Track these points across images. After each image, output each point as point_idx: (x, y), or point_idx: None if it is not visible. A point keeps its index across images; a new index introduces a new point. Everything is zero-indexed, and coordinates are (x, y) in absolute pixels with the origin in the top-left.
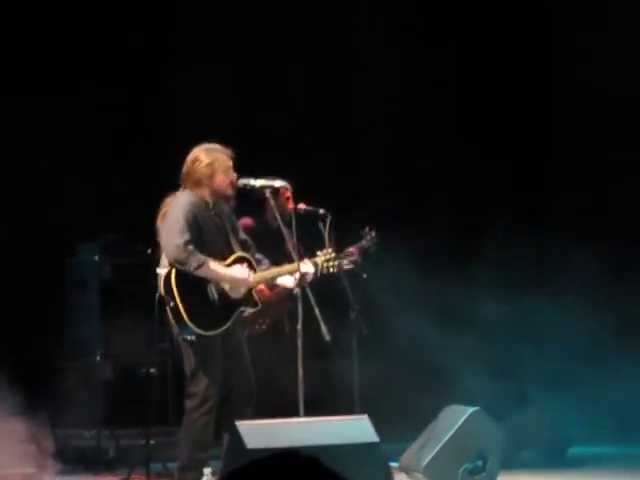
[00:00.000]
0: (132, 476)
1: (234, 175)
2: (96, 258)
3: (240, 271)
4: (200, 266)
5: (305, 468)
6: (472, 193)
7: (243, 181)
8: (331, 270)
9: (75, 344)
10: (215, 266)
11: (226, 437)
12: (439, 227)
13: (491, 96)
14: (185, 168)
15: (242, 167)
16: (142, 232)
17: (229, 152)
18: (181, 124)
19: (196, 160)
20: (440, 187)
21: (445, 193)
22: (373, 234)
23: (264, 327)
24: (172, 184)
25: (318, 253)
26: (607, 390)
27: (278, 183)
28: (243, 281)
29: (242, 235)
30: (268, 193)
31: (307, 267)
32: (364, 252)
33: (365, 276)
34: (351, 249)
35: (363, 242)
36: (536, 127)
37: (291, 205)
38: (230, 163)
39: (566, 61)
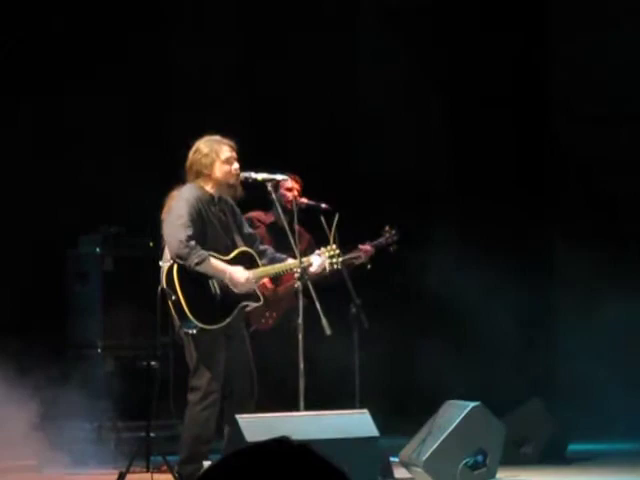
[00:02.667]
0: (132, 469)
1: (236, 165)
2: (98, 250)
3: (240, 273)
4: (201, 262)
5: (297, 455)
6: None
7: (244, 174)
8: (335, 267)
9: (77, 336)
10: (216, 263)
11: (227, 431)
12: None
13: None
14: (188, 160)
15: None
16: (144, 225)
17: (231, 142)
18: (186, 116)
19: (196, 151)
20: None
21: None
22: (394, 232)
23: (270, 322)
24: (176, 177)
25: (322, 249)
26: None
27: (280, 176)
28: (240, 281)
29: (247, 229)
30: (270, 187)
31: (316, 260)
32: (381, 250)
33: (369, 267)
34: (366, 246)
35: (381, 239)
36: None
37: (290, 199)
38: (231, 153)
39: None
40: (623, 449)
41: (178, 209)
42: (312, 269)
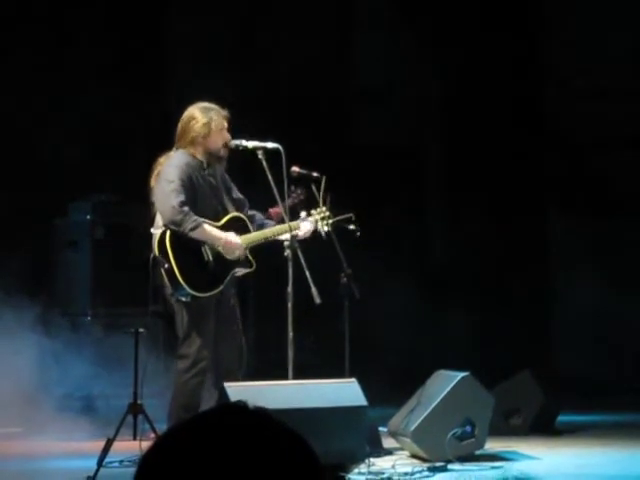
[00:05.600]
0: (120, 436)
1: (228, 136)
2: (88, 217)
3: (234, 239)
4: (195, 228)
5: (254, 421)
6: None
7: (235, 142)
8: (326, 228)
9: (66, 304)
10: (210, 229)
11: (215, 398)
12: None
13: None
14: (180, 126)
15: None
16: (135, 191)
17: (225, 112)
18: (178, 82)
19: (192, 119)
20: None
21: None
22: (299, 192)
23: None
24: (166, 143)
25: (312, 212)
26: None
27: (271, 145)
28: (236, 246)
29: (236, 194)
30: (260, 155)
31: (305, 224)
32: (291, 210)
33: (359, 234)
34: (275, 209)
35: (289, 201)
36: None
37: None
38: (225, 124)
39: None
40: (612, 420)
41: (168, 175)
42: (301, 233)
